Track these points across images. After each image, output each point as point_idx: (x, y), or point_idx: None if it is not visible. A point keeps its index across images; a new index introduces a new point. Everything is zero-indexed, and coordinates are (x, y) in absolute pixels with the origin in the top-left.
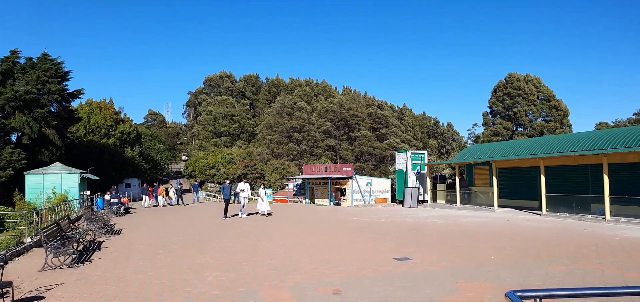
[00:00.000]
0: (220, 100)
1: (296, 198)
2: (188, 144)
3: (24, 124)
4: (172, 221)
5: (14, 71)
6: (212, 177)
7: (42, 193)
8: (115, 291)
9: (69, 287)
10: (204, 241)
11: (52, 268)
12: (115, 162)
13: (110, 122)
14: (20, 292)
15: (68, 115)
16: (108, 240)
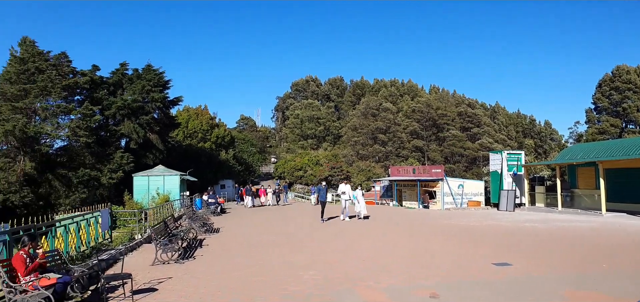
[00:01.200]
0: (306, 103)
1: (383, 200)
2: (277, 147)
3: (131, 130)
4: (266, 221)
5: (123, 82)
6: (300, 179)
7: (147, 193)
8: (218, 286)
9: (177, 281)
10: (297, 240)
11: (161, 263)
12: (211, 165)
13: (206, 127)
14: (136, 284)
15: (169, 121)
16: (208, 238)
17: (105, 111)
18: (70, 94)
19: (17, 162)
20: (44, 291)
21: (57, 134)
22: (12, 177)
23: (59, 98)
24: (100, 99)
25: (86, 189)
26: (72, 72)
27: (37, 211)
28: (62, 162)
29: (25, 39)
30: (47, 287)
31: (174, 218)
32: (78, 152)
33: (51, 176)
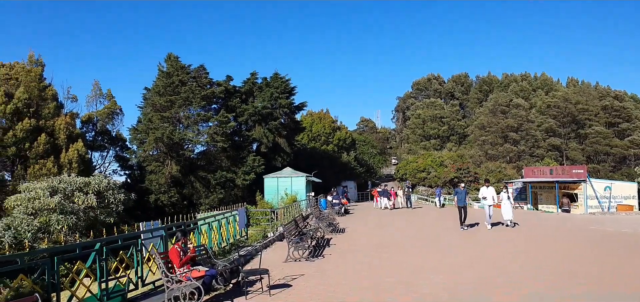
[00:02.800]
0: (428, 103)
1: (516, 203)
2: (397, 148)
3: (262, 135)
4: (392, 223)
5: (253, 90)
6: (423, 181)
7: (277, 194)
8: (349, 285)
9: (309, 277)
10: (426, 243)
11: (293, 260)
12: (333, 167)
13: (329, 130)
14: (272, 279)
15: (295, 125)
16: (334, 237)
17: (239, 118)
18: (208, 103)
19: (165, 166)
20: (195, 281)
21: (198, 139)
22: (161, 179)
23: (198, 107)
24: (234, 107)
25: (223, 189)
26: (209, 83)
27: (182, 209)
28: (202, 165)
29: (170, 55)
30: (197, 279)
31: (302, 217)
32: (215, 156)
33: (193, 178)
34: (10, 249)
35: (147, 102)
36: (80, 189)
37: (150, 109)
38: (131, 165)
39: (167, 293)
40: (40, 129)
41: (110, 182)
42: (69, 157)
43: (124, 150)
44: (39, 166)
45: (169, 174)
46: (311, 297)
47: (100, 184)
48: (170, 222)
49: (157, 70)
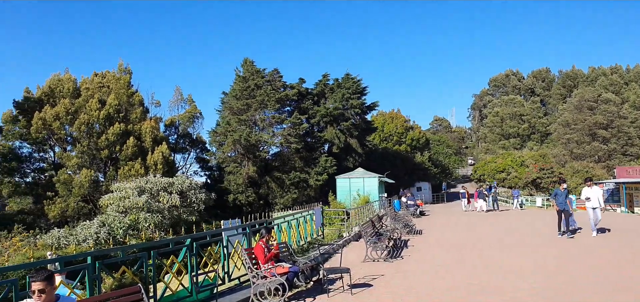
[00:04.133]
0: (507, 100)
1: (608, 205)
2: (474, 148)
3: (333, 136)
4: (473, 225)
5: (325, 92)
6: (503, 181)
7: (349, 194)
8: (432, 286)
9: (389, 278)
10: (510, 246)
11: (371, 260)
12: (406, 167)
13: (401, 130)
14: (352, 279)
15: (366, 125)
16: (411, 239)
17: (311, 119)
18: (282, 106)
19: (242, 166)
20: (280, 278)
21: (273, 141)
22: (239, 179)
23: (273, 110)
24: (306, 109)
25: (296, 189)
26: (283, 86)
27: (258, 208)
28: (277, 166)
29: (246, 60)
30: (281, 275)
31: (378, 218)
32: (289, 157)
33: (268, 178)
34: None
35: (225, 105)
36: (165, 189)
37: (228, 112)
38: (211, 166)
39: (252, 288)
40: (128, 133)
41: (192, 183)
42: (155, 159)
43: (204, 152)
44: (128, 167)
45: (246, 174)
46: (394, 299)
47: (183, 184)
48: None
49: (234, 75)
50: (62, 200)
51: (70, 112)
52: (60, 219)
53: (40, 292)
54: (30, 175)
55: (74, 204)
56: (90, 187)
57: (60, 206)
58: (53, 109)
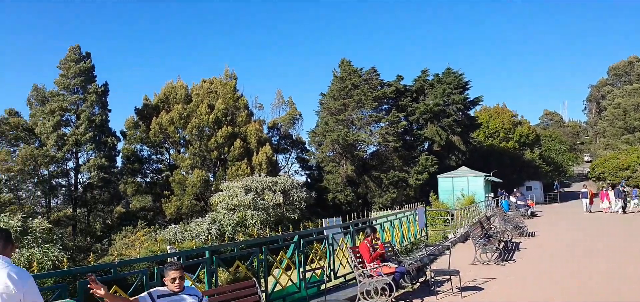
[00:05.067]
0: (630, 89)
1: None
2: (590, 144)
3: (434, 133)
4: (593, 228)
5: (424, 88)
6: (627, 180)
7: (452, 194)
8: (549, 293)
9: (501, 282)
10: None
11: (480, 263)
12: (514, 165)
13: (508, 126)
14: (461, 281)
15: (469, 122)
16: (524, 241)
17: (410, 117)
18: (379, 104)
19: (340, 166)
20: (386, 277)
21: (370, 140)
22: (337, 178)
23: (370, 108)
24: (404, 106)
25: (396, 189)
26: (380, 84)
27: (357, 207)
28: (375, 165)
29: (343, 60)
30: (388, 275)
31: (487, 219)
32: (387, 156)
33: (367, 178)
34: (216, 239)
35: (323, 106)
36: (269, 188)
37: (326, 112)
38: (310, 166)
39: (359, 287)
40: (235, 135)
41: (293, 182)
42: (259, 160)
43: (303, 152)
44: (236, 167)
45: (344, 173)
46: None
47: (285, 183)
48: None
49: (332, 76)
50: (177, 198)
51: (183, 117)
52: (176, 216)
53: (180, 279)
54: (149, 175)
55: (187, 202)
56: (201, 186)
57: (176, 204)
58: (168, 115)
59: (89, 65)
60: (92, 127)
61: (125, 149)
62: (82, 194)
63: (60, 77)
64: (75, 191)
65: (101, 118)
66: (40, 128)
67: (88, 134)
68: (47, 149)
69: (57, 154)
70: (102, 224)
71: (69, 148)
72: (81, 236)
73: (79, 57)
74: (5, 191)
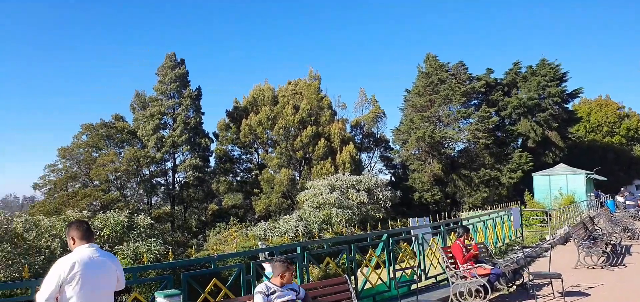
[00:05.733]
0: None
1: None
2: None
3: (528, 129)
4: None
5: (516, 81)
6: None
7: (549, 193)
8: None
9: (610, 287)
10: None
11: (585, 267)
12: (620, 162)
13: (613, 119)
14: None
15: (568, 116)
16: (635, 244)
17: (501, 112)
18: (468, 99)
19: (427, 164)
20: (481, 279)
21: (459, 137)
22: (424, 177)
23: (458, 104)
24: (495, 101)
25: (487, 188)
26: (468, 78)
27: (445, 207)
28: (463, 163)
29: (428, 55)
30: (482, 276)
31: (591, 220)
32: (477, 154)
33: (455, 176)
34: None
35: (407, 103)
36: (353, 187)
37: (410, 109)
38: (395, 164)
39: (452, 288)
40: (319, 135)
41: (378, 181)
42: (343, 159)
43: (387, 150)
44: (320, 166)
45: (431, 172)
46: None
47: (369, 182)
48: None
49: (417, 72)
50: (265, 196)
51: (270, 118)
52: (265, 213)
53: (289, 274)
54: (240, 174)
55: (275, 199)
56: (288, 185)
57: (265, 202)
58: (256, 116)
59: (184, 71)
60: (187, 129)
61: (217, 150)
62: (179, 192)
63: (158, 83)
64: (173, 189)
65: (195, 121)
66: (142, 131)
67: (184, 136)
68: (148, 151)
69: (157, 155)
70: (197, 221)
71: (167, 149)
72: (178, 231)
73: (175, 63)
74: (113, 189)
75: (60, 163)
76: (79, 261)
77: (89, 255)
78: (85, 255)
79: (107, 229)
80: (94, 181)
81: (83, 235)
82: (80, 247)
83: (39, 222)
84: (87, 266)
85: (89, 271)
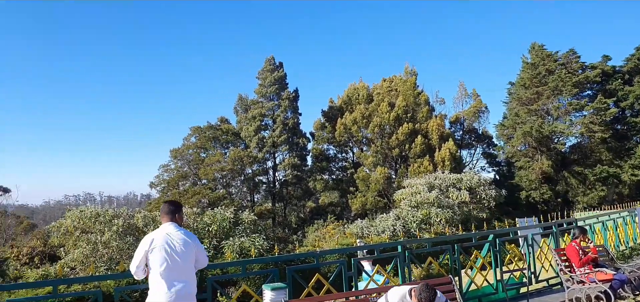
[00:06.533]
0: None
1: None
2: None
3: None
4: None
5: None
6: None
7: None
8: None
9: None
10: None
11: None
12: None
13: None
14: None
15: None
16: None
17: (621, 103)
18: (580, 90)
19: (534, 161)
20: (601, 284)
21: (570, 131)
22: (531, 175)
23: (569, 96)
24: (613, 91)
25: (604, 186)
26: (581, 67)
27: (555, 207)
28: (576, 159)
29: (534, 44)
30: (603, 282)
31: None
32: (592, 149)
33: (566, 174)
34: (401, 235)
35: (511, 96)
36: (453, 185)
37: (515, 103)
38: (499, 161)
39: (567, 293)
40: (416, 132)
41: (480, 179)
42: (442, 156)
43: (490, 147)
44: (417, 164)
45: (539, 169)
46: None
47: (471, 180)
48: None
49: (521, 63)
50: (361, 194)
51: (365, 116)
52: (361, 211)
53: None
54: (336, 173)
55: (371, 198)
56: (384, 183)
57: (361, 200)
58: (351, 115)
59: (282, 74)
60: (286, 129)
61: (314, 149)
62: (279, 190)
63: (258, 86)
64: (274, 187)
65: (293, 121)
66: (245, 132)
67: (283, 136)
68: (251, 151)
69: (259, 154)
70: (297, 218)
71: (268, 149)
72: (279, 227)
73: (273, 67)
74: (219, 187)
75: (172, 163)
76: (157, 237)
77: (167, 231)
78: (164, 231)
79: (215, 225)
80: (202, 180)
81: (165, 215)
82: (163, 225)
83: (155, 217)
84: (164, 240)
85: (165, 244)
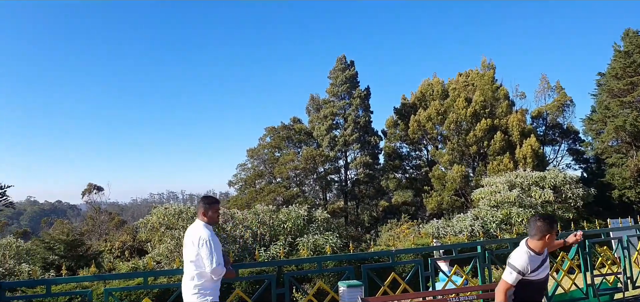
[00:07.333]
0: None
1: None
2: None
3: None
4: None
5: None
6: None
7: None
8: None
9: None
10: None
11: None
12: None
13: None
14: None
15: None
16: None
17: None
18: None
19: (629, 157)
20: None
21: None
22: (625, 173)
23: None
24: None
25: None
26: None
27: None
28: None
29: (627, 31)
30: None
31: None
32: None
33: None
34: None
35: (601, 88)
36: (536, 184)
37: (605, 95)
38: (586, 158)
39: None
40: (495, 128)
41: (565, 177)
42: (523, 153)
43: (577, 142)
44: (497, 162)
45: (635, 166)
46: None
47: (556, 178)
48: None
49: (612, 52)
50: (437, 194)
51: (440, 113)
52: (436, 210)
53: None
54: (409, 171)
55: (447, 197)
56: (461, 182)
57: (436, 199)
58: (425, 112)
59: (353, 72)
60: (358, 128)
61: (386, 147)
62: (351, 189)
63: (330, 85)
64: (346, 186)
65: (365, 120)
66: (317, 132)
67: (354, 135)
68: (323, 150)
69: (330, 153)
70: (369, 216)
71: (340, 148)
72: (352, 226)
73: (345, 65)
74: (293, 185)
75: (249, 162)
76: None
77: (190, 227)
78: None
79: (290, 222)
80: (277, 178)
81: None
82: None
83: (234, 214)
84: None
85: (186, 239)
